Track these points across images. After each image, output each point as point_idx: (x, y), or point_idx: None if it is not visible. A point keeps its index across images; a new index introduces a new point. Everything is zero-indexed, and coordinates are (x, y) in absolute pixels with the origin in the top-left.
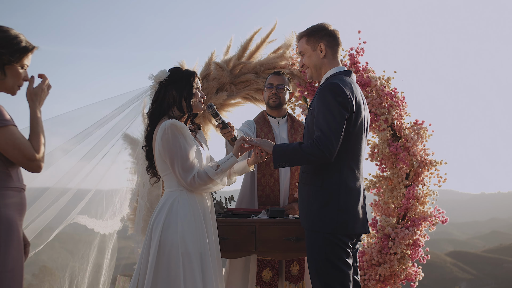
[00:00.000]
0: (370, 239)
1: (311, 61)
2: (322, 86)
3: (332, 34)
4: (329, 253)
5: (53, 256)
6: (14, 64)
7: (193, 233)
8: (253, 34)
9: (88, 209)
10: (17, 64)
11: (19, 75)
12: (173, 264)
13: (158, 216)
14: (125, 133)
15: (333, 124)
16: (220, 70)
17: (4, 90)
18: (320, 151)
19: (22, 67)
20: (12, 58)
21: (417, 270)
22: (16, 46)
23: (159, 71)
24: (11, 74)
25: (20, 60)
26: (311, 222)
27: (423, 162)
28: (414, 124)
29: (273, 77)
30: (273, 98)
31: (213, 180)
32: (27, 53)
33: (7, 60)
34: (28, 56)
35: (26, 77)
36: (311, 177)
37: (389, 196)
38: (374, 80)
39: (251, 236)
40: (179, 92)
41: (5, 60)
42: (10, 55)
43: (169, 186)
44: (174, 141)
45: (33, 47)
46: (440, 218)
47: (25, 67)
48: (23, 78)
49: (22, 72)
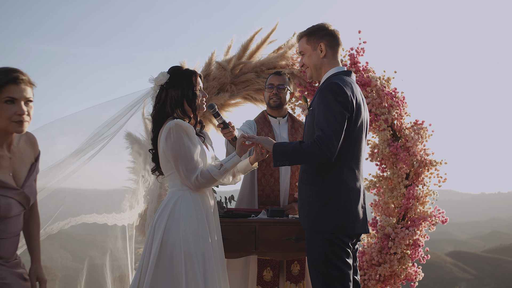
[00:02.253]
0: (370, 239)
1: (311, 61)
2: (323, 86)
3: (333, 34)
4: (329, 253)
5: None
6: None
7: (195, 233)
8: (254, 34)
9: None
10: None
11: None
12: (175, 264)
13: (161, 216)
14: (128, 132)
15: (334, 124)
16: (222, 70)
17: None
18: (320, 150)
19: (6, 101)
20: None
21: (417, 270)
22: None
23: (159, 74)
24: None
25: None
26: (311, 222)
27: (423, 162)
28: (414, 124)
29: (273, 77)
30: (273, 98)
31: (216, 180)
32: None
33: None
34: (9, 88)
35: (19, 110)
36: (311, 177)
37: (389, 196)
38: (374, 80)
39: (251, 236)
40: (182, 94)
41: None
42: None
43: (173, 185)
44: (178, 140)
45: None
46: (440, 218)
47: (8, 100)
48: (15, 112)
49: (8, 106)
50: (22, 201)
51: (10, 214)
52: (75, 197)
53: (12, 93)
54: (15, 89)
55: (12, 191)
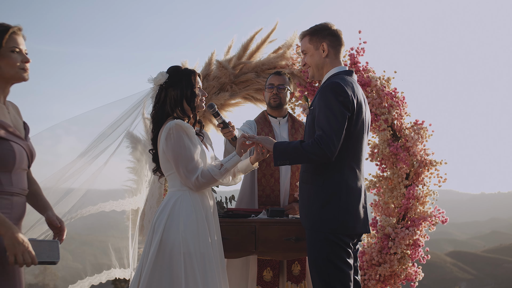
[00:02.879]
0: (370, 239)
1: (313, 60)
2: (324, 85)
3: (335, 34)
4: (330, 253)
5: None
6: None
7: (195, 233)
8: (254, 34)
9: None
10: (3, 49)
11: (12, 59)
12: (175, 264)
13: (160, 216)
14: (129, 132)
15: (335, 124)
16: (222, 69)
17: (9, 80)
18: (321, 150)
19: (12, 51)
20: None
21: (417, 270)
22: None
23: (158, 74)
24: (3, 62)
25: (2, 44)
26: (312, 222)
27: (423, 162)
28: (414, 124)
29: (274, 77)
30: (274, 98)
31: (217, 180)
32: (4, 35)
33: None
34: (13, 38)
35: (24, 58)
36: (312, 177)
37: (389, 196)
38: (374, 80)
39: (251, 236)
40: (181, 94)
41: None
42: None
43: (172, 185)
44: (178, 141)
45: (12, 27)
46: (440, 218)
47: (16, 50)
48: (21, 60)
49: (15, 55)
50: (29, 153)
51: (22, 165)
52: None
53: (17, 43)
54: (19, 40)
55: (21, 141)
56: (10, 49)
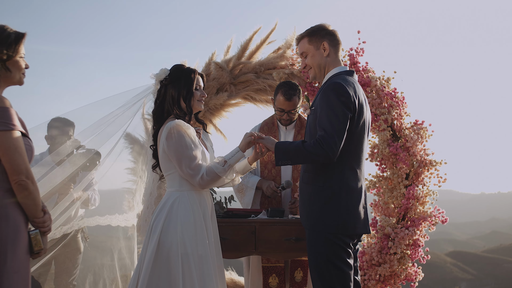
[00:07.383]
0: (370, 239)
1: (314, 61)
2: (325, 85)
3: (333, 33)
4: (330, 253)
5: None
6: (14, 57)
7: (193, 234)
8: (253, 34)
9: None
10: (16, 56)
11: (20, 65)
12: (173, 265)
13: (158, 216)
14: (126, 132)
15: (337, 124)
16: (220, 70)
17: (12, 83)
18: (323, 150)
19: (20, 57)
20: (11, 52)
21: (417, 270)
22: (9, 39)
23: (160, 70)
24: (14, 68)
25: (17, 51)
26: (312, 222)
27: (423, 162)
28: (414, 124)
29: (284, 103)
30: (284, 121)
31: (221, 177)
32: (20, 42)
33: (7, 56)
34: (22, 44)
35: (26, 64)
36: (313, 177)
37: (389, 196)
38: (374, 80)
39: (251, 236)
40: (178, 91)
41: (5, 56)
42: (7, 50)
43: (171, 186)
44: (180, 141)
45: (23, 34)
46: (440, 218)
47: (22, 55)
48: (25, 66)
49: (22, 61)
50: (32, 151)
51: (31, 160)
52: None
53: (23, 50)
54: (23, 47)
55: (27, 138)
56: (20, 55)
